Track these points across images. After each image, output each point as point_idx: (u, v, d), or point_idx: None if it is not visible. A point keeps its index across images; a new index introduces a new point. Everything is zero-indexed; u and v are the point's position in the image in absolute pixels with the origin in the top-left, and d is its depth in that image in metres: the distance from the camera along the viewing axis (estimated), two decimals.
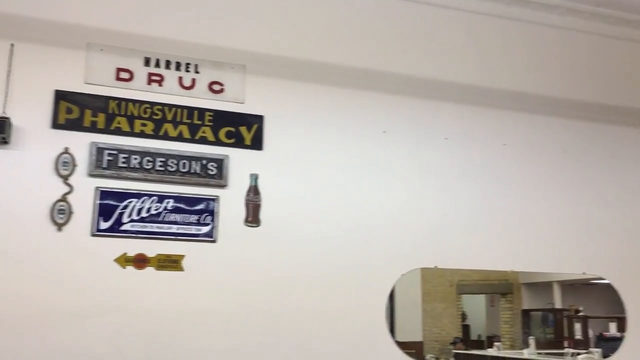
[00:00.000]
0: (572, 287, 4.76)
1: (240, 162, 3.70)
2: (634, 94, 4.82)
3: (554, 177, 4.47)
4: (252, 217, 3.65)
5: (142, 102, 3.57)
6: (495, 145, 4.36)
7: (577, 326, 4.72)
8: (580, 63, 4.73)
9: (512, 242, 4.25)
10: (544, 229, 4.35)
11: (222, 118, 3.71)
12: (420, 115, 4.21)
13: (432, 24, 4.35)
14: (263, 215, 3.69)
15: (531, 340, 4.43)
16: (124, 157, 3.44)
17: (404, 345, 3.87)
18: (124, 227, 3.39)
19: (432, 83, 4.25)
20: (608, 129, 4.70)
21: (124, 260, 3.38)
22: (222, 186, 3.62)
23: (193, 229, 3.51)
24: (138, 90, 3.59)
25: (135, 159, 3.46)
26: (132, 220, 3.40)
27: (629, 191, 4.63)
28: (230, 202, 3.63)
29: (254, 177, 3.70)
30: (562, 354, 4.49)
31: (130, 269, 3.38)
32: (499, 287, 4.62)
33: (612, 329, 4.65)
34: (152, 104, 3.59)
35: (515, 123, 4.45)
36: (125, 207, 3.41)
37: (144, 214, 3.43)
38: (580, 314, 4.75)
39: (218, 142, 3.67)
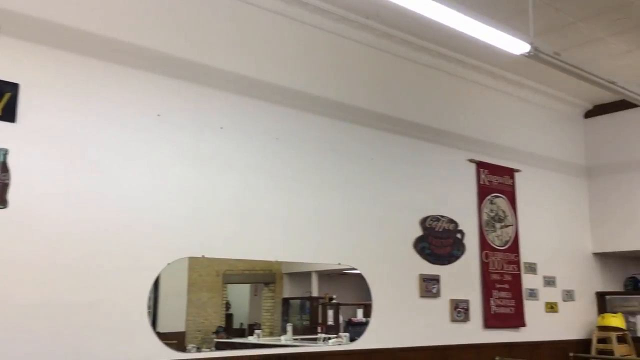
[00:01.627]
0: (329, 276, 5.10)
1: None
2: (392, 103, 5.36)
3: (320, 173, 4.74)
4: None
5: None
6: (268, 138, 4.47)
7: (330, 313, 5.06)
8: (348, 68, 5.10)
9: (278, 233, 4.41)
10: (307, 222, 4.60)
11: None
12: (198, 101, 4.13)
13: (213, 12, 4.30)
14: (11, 195, 3.27)
15: (289, 327, 4.64)
16: None
17: (165, 336, 3.76)
18: None
19: (209, 70, 4.20)
20: (369, 133, 5.14)
21: None
22: None
23: None
24: None
25: None
26: None
27: (380, 190, 5.13)
28: None
29: (3, 152, 3.27)
30: (315, 339, 4.77)
31: None
32: (263, 277, 4.75)
33: (359, 314, 5.08)
34: None
35: (289, 119, 4.62)
36: None
37: None
38: (334, 301, 5.11)
39: None
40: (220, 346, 4.21)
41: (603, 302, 7.01)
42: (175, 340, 3.85)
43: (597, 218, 7.11)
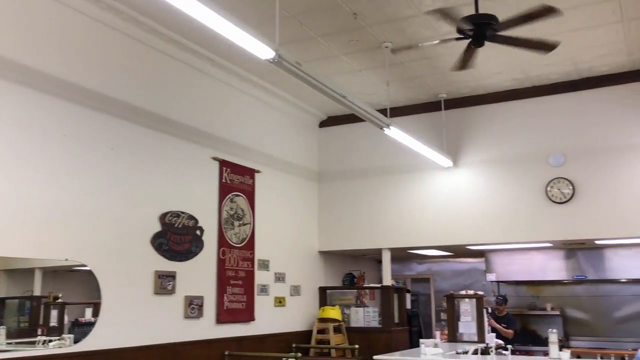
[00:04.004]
0: (55, 273, 4.70)
1: None
2: (136, 92, 5.15)
3: (49, 159, 4.34)
4: None
5: None
6: None
7: (54, 313, 4.67)
8: (87, 49, 4.77)
9: None
10: (31, 213, 4.18)
11: None
12: None
13: None
14: None
15: (1, 330, 4.15)
16: None
17: None
18: None
19: None
20: (110, 121, 4.86)
21: None
22: None
23: None
24: None
25: None
26: None
27: (119, 182, 4.90)
28: None
29: None
30: (33, 342, 4.36)
31: None
32: None
33: (88, 314, 4.78)
34: None
35: (15, 96, 4.14)
36: None
37: None
38: (59, 300, 4.73)
39: None
40: None
41: (324, 296, 7.72)
42: None
43: (324, 220, 7.82)
